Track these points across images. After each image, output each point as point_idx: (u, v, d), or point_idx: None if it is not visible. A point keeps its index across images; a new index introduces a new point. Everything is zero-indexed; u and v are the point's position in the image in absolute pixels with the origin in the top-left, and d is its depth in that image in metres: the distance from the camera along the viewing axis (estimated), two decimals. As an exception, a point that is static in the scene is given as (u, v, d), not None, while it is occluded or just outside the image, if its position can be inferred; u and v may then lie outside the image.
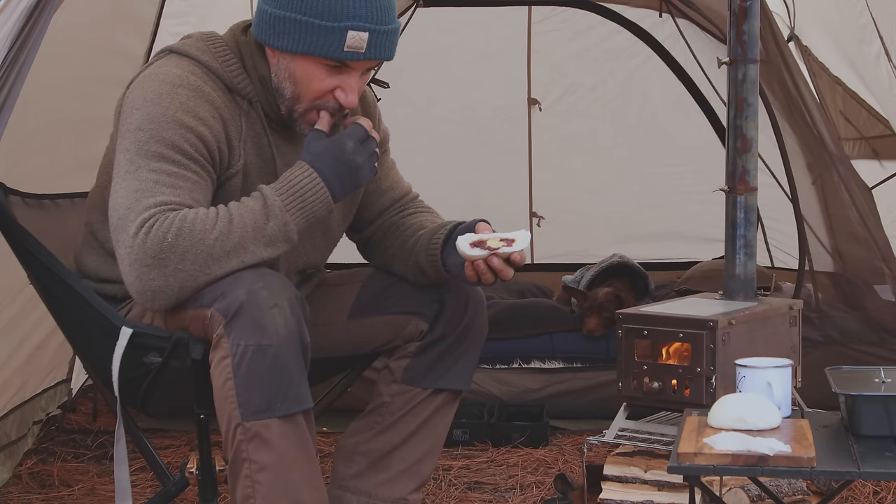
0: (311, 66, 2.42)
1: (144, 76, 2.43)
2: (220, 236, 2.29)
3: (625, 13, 5.16)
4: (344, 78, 2.44)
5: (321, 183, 2.38)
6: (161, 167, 2.33)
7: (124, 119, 2.39)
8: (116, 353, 2.38)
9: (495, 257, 2.42)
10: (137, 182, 2.32)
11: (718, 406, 2.34)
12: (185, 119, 2.36)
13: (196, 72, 2.42)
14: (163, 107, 2.36)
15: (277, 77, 2.46)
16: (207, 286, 2.31)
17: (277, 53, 2.45)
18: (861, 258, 4.11)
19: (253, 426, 2.27)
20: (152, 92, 2.38)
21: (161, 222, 2.28)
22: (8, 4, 2.47)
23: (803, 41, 4.65)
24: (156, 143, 2.33)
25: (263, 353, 2.25)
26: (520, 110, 5.70)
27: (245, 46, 2.50)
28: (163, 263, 2.27)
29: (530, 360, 4.31)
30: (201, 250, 2.28)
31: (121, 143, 2.38)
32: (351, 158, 2.40)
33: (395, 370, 2.67)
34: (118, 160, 2.37)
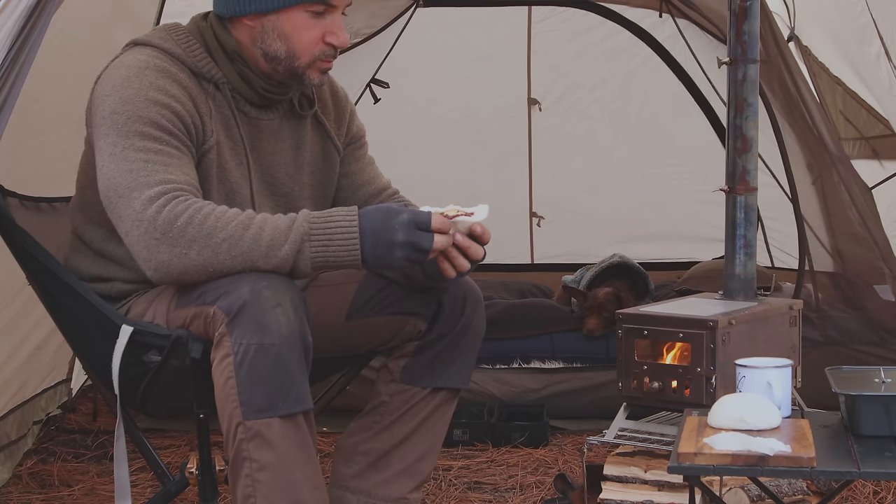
0: (298, 16, 2.46)
1: (110, 68, 2.46)
2: (229, 239, 2.29)
3: (625, 13, 5.16)
4: (328, 22, 2.48)
5: (356, 237, 2.31)
6: (146, 145, 2.34)
7: (96, 110, 2.41)
8: (116, 352, 2.38)
9: (459, 234, 2.39)
10: (127, 162, 2.33)
11: (718, 406, 2.34)
12: (158, 96, 2.39)
13: (161, 57, 2.46)
14: (133, 88, 2.38)
15: (265, 43, 2.48)
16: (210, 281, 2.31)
17: (259, 19, 2.47)
18: (861, 258, 4.11)
19: (254, 425, 2.27)
20: (120, 77, 2.41)
21: (175, 204, 2.29)
22: (8, 4, 2.47)
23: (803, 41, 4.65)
24: (135, 123, 2.35)
25: (266, 352, 2.25)
26: (520, 110, 5.70)
27: (207, 31, 2.52)
28: (172, 242, 2.28)
29: (530, 360, 4.31)
30: (207, 245, 2.28)
31: (98, 130, 2.39)
32: (397, 237, 2.30)
33: (393, 370, 2.67)
34: (99, 146, 2.38)
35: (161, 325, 2.42)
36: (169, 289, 2.44)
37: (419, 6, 4.95)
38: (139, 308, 2.48)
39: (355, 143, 2.73)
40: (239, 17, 2.49)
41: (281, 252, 2.29)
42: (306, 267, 2.32)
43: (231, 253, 2.29)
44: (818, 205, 4.17)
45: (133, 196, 2.30)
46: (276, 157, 2.58)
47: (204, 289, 2.33)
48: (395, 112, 4.98)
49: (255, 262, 2.30)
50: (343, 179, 2.70)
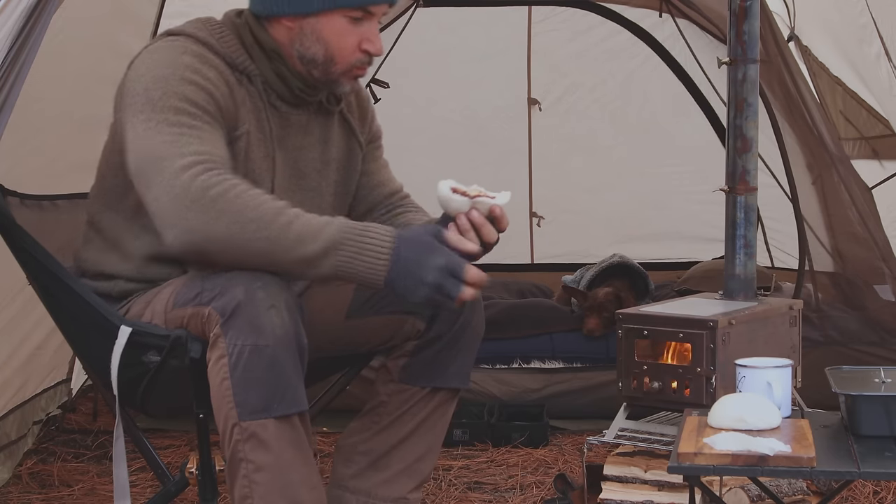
0: (337, 21, 2.45)
1: (144, 52, 2.46)
2: (259, 220, 2.27)
3: (625, 13, 5.16)
4: (365, 29, 2.47)
5: (386, 261, 2.29)
6: (180, 119, 2.34)
7: (129, 90, 2.40)
8: (115, 352, 2.37)
9: (475, 210, 2.39)
10: (161, 135, 2.33)
11: (718, 406, 2.34)
12: (194, 77, 2.39)
13: (196, 44, 2.45)
14: (169, 68, 2.38)
15: (303, 45, 2.47)
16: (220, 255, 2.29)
17: (298, 21, 2.46)
18: (861, 258, 4.11)
19: (250, 426, 2.27)
20: (155, 60, 2.41)
21: (210, 175, 2.28)
22: (8, 4, 2.47)
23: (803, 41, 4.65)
24: (169, 98, 2.35)
25: (260, 353, 2.25)
26: (520, 110, 5.70)
27: (243, 27, 2.51)
28: (202, 209, 2.26)
29: (530, 360, 4.31)
30: (235, 220, 2.26)
31: (131, 108, 2.38)
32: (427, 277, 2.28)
33: (392, 369, 2.67)
34: (132, 123, 2.37)
35: (160, 326, 2.42)
36: (166, 289, 2.44)
37: (419, 6, 4.95)
38: (137, 308, 2.48)
39: (374, 143, 2.74)
40: (277, 17, 2.48)
41: (307, 249, 2.27)
42: (327, 272, 2.29)
43: (258, 234, 2.26)
44: (818, 205, 4.17)
45: (165, 165, 2.30)
46: (304, 153, 2.58)
47: (200, 289, 2.33)
48: (395, 112, 4.96)
49: (278, 251, 2.27)
50: (361, 178, 2.71)
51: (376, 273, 2.28)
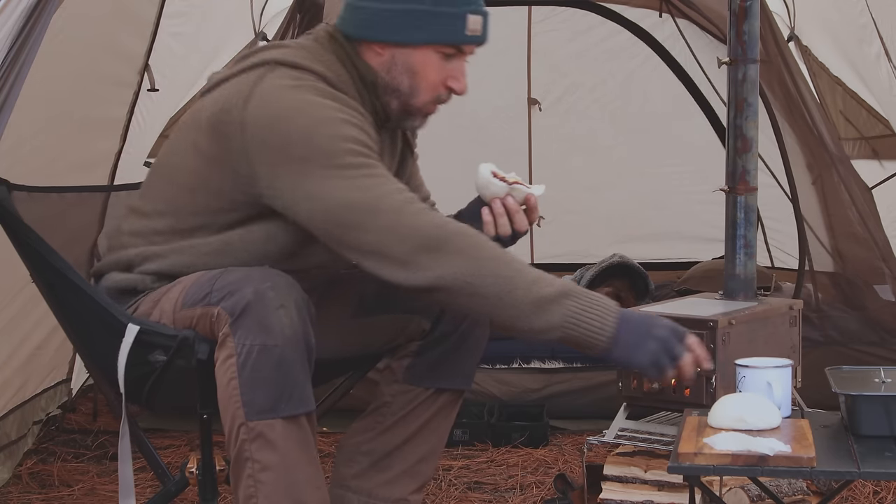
0: (429, 56, 2.44)
1: (268, 89, 2.35)
2: (495, 259, 2.28)
3: (625, 13, 5.16)
4: (454, 66, 2.47)
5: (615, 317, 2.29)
6: (360, 161, 2.31)
7: (268, 132, 2.32)
8: (122, 351, 2.37)
9: (511, 197, 2.43)
10: (351, 180, 2.29)
11: (718, 406, 2.34)
12: (349, 117, 2.35)
13: (319, 81, 2.40)
14: (324, 112, 2.33)
15: (391, 73, 2.45)
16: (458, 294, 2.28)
17: (390, 49, 2.44)
18: (861, 258, 4.11)
19: (257, 426, 2.26)
20: (299, 101, 2.34)
21: (432, 213, 2.30)
22: (8, 4, 2.47)
23: (803, 41, 4.65)
24: (340, 142, 2.31)
25: (269, 353, 2.25)
26: (520, 110, 5.70)
27: (343, 56, 2.47)
28: (436, 248, 2.27)
29: (530, 360, 4.31)
30: (472, 258, 2.27)
31: (282, 154, 2.31)
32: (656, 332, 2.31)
33: (396, 370, 2.67)
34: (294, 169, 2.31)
35: (167, 325, 2.42)
36: (175, 289, 2.43)
37: (419, 6, 4.94)
38: (145, 307, 2.47)
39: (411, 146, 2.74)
40: (369, 42, 2.46)
41: (543, 291, 2.27)
42: (556, 320, 2.28)
43: (495, 272, 2.27)
44: (818, 205, 4.17)
45: (380, 208, 2.28)
46: None
47: (210, 289, 2.33)
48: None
49: (516, 289, 2.27)
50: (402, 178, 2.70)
51: (604, 326, 2.29)
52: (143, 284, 2.49)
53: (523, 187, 2.46)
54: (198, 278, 2.39)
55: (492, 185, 2.46)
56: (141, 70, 4.07)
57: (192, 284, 2.39)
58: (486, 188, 2.46)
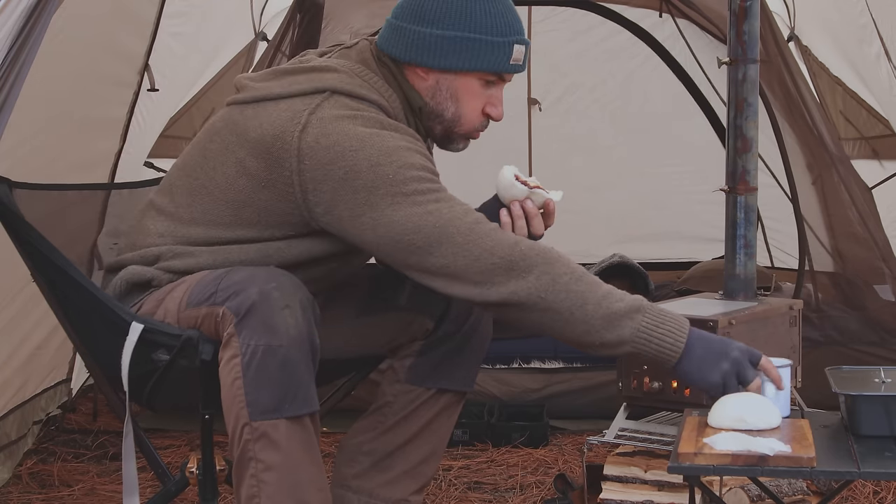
0: (472, 83, 2.47)
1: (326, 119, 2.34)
2: (570, 274, 2.30)
3: (625, 13, 5.16)
4: (492, 93, 2.50)
5: (685, 334, 2.33)
6: (428, 187, 2.33)
7: (330, 163, 2.32)
8: (126, 349, 2.37)
9: (529, 201, 2.46)
10: (419, 206, 2.31)
11: (718, 406, 2.34)
12: (411, 146, 2.37)
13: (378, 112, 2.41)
14: (387, 141, 2.34)
15: (436, 98, 2.47)
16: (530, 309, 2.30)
17: (436, 74, 2.46)
18: (861, 258, 4.11)
19: (260, 426, 2.26)
20: (362, 133, 2.34)
21: (505, 231, 2.33)
22: (8, 4, 2.47)
23: (803, 41, 4.65)
24: (407, 170, 2.32)
25: (273, 353, 2.25)
26: (520, 110, 5.69)
27: (390, 77, 2.48)
28: (511, 265, 2.29)
29: (530, 360, 4.31)
30: (546, 272, 2.29)
31: (346, 185, 2.32)
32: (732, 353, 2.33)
33: (399, 369, 2.67)
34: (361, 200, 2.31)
35: (172, 325, 2.42)
36: (179, 288, 2.43)
37: (419, 6, 4.94)
38: (150, 306, 2.47)
39: None
40: (413, 66, 2.47)
41: (615, 306, 2.29)
42: (627, 335, 2.30)
43: (569, 287, 2.29)
44: (818, 205, 4.17)
45: (451, 231, 2.30)
46: None
47: (215, 289, 2.33)
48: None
49: (587, 304, 2.29)
50: None
51: (676, 342, 2.32)
52: (157, 280, 2.48)
53: (543, 192, 2.49)
54: (202, 277, 2.39)
55: (514, 187, 2.48)
56: (141, 70, 4.07)
57: (197, 284, 2.39)
58: (508, 191, 2.48)
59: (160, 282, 2.48)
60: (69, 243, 2.62)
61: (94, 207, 2.84)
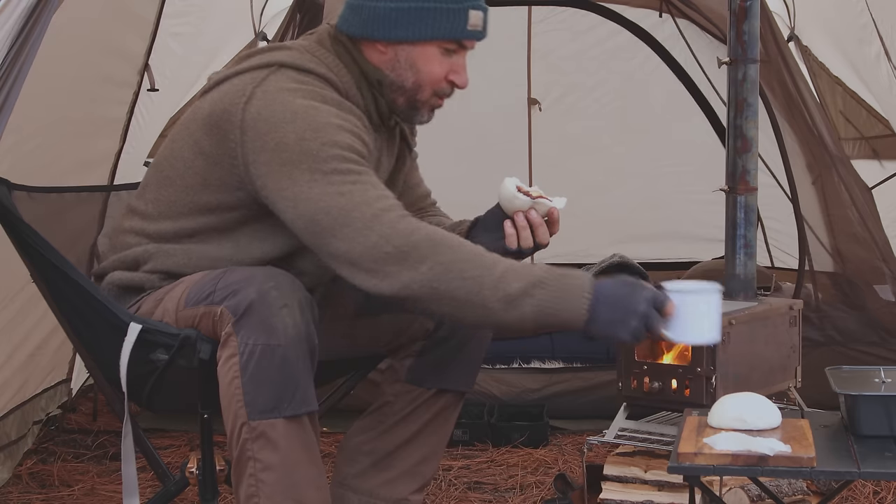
0: (431, 51, 2.46)
1: (270, 91, 2.36)
2: (462, 262, 2.27)
3: (625, 13, 5.15)
4: (454, 60, 2.49)
5: (588, 296, 2.26)
6: (347, 167, 2.32)
7: (265, 134, 2.33)
8: (125, 350, 2.37)
9: (534, 211, 2.44)
10: (334, 186, 2.30)
11: (718, 406, 2.34)
12: (344, 123, 2.37)
13: (323, 86, 2.42)
14: (320, 117, 2.34)
15: (396, 71, 2.47)
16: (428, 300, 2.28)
17: (393, 47, 2.46)
18: (861, 258, 4.11)
19: (259, 425, 2.26)
20: (298, 105, 2.35)
21: (405, 220, 2.29)
22: (8, 4, 2.47)
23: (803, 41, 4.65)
24: (330, 147, 2.32)
25: (272, 353, 2.25)
26: (520, 110, 5.69)
27: (346, 56, 2.49)
28: (403, 256, 2.27)
29: (530, 360, 4.31)
30: (439, 262, 2.26)
31: (276, 157, 2.33)
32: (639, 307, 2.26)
33: (399, 370, 2.67)
34: (285, 172, 2.32)
35: (170, 324, 2.42)
36: (178, 288, 2.43)
37: (419, 6, 4.94)
38: (148, 306, 2.47)
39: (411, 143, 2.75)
40: (372, 41, 2.48)
41: (512, 287, 2.26)
42: (530, 312, 2.27)
43: (462, 275, 2.26)
44: (818, 205, 4.17)
45: (354, 217, 2.28)
46: (380, 173, 2.56)
47: (213, 289, 2.33)
48: (394, 112, 4.99)
49: (484, 290, 2.26)
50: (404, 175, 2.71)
51: (578, 310, 2.27)
52: (149, 283, 2.49)
53: (546, 201, 2.48)
54: (201, 277, 2.39)
55: (516, 199, 2.46)
56: (141, 70, 4.07)
57: (196, 283, 2.39)
58: (511, 202, 2.47)
59: (153, 284, 2.48)
60: (68, 244, 2.62)
61: (93, 209, 2.85)
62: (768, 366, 3.04)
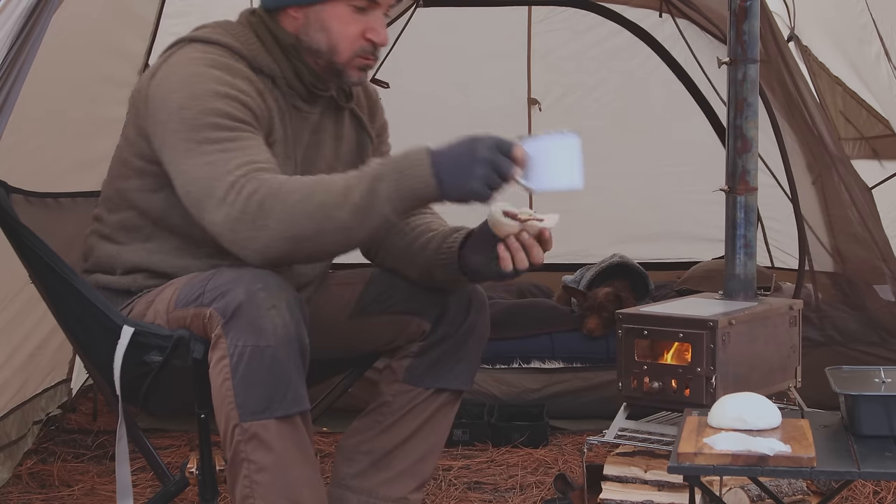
0: (342, 10, 2.47)
1: (171, 63, 2.44)
2: (303, 200, 2.27)
3: (625, 13, 5.16)
4: (370, 19, 2.49)
5: (428, 163, 2.27)
6: (219, 136, 2.33)
7: (160, 104, 2.39)
8: (118, 352, 2.38)
9: (525, 233, 2.41)
10: (204, 156, 2.32)
11: (718, 406, 2.34)
12: (226, 90, 2.38)
13: (224, 54, 2.45)
14: (201, 84, 2.37)
15: (309, 36, 2.49)
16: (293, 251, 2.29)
17: (304, 11, 2.48)
18: (861, 258, 4.11)
19: (251, 427, 2.27)
20: (187, 73, 2.39)
21: (251, 182, 2.28)
22: (8, 4, 2.47)
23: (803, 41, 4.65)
24: (206, 116, 2.34)
25: (261, 354, 2.25)
26: (520, 110, 5.69)
27: (259, 26, 2.52)
28: (252, 219, 2.27)
29: (530, 360, 4.31)
30: (283, 210, 2.26)
31: (166, 126, 2.37)
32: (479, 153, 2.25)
33: (396, 370, 2.67)
34: (169, 143, 2.37)
35: (162, 326, 2.42)
36: (168, 289, 2.44)
37: (419, 6, 4.95)
38: (140, 308, 2.48)
39: (381, 137, 2.75)
40: (285, 9, 2.50)
41: (356, 197, 2.26)
42: (386, 207, 2.27)
43: (306, 210, 2.26)
44: (818, 205, 4.17)
45: (215, 187, 2.30)
46: (318, 150, 2.58)
47: (202, 290, 2.33)
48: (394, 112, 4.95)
49: (332, 213, 2.26)
50: None
51: (425, 182, 2.26)
52: (135, 285, 2.50)
53: (536, 222, 2.43)
54: (190, 279, 2.40)
55: (505, 225, 2.43)
56: (141, 70, 4.07)
57: (185, 285, 2.40)
58: (500, 228, 2.44)
59: (138, 285, 2.50)
60: (64, 248, 2.62)
61: (89, 213, 2.85)
62: (768, 366, 3.04)
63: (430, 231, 2.61)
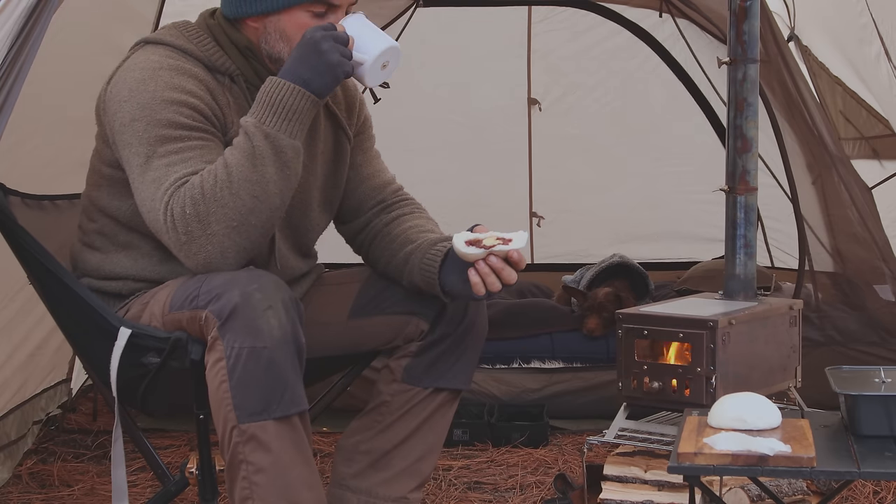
0: (300, 16, 2.47)
1: (123, 69, 2.46)
2: (224, 185, 2.30)
3: (625, 13, 5.15)
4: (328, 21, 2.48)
5: (281, 80, 2.35)
6: (167, 148, 2.35)
7: (114, 114, 2.41)
8: (115, 354, 2.38)
9: (493, 256, 2.41)
10: (152, 171, 2.34)
11: (718, 406, 2.34)
12: (174, 95, 2.39)
13: (173, 55, 2.46)
14: (149, 91, 2.38)
15: (269, 43, 2.49)
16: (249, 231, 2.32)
17: (262, 20, 2.48)
18: (861, 258, 4.11)
19: (249, 428, 2.27)
20: (135, 80, 2.41)
21: (176, 199, 2.30)
22: (8, 4, 2.47)
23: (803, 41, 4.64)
24: (154, 128, 2.35)
25: (258, 355, 2.25)
26: (520, 110, 5.69)
27: (216, 28, 2.53)
28: (194, 236, 2.30)
29: (530, 360, 4.31)
30: (216, 208, 2.29)
31: (120, 138, 2.40)
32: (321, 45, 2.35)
33: (395, 369, 2.67)
34: (127, 157, 2.39)
35: (158, 328, 2.42)
36: (163, 292, 2.44)
37: (419, 6, 4.95)
38: (136, 310, 2.48)
39: (363, 134, 2.74)
40: (243, 19, 2.50)
41: (258, 149, 2.31)
42: (285, 143, 2.34)
43: (231, 191, 2.30)
44: (818, 205, 4.17)
45: (157, 209, 2.34)
46: None
47: (197, 293, 2.33)
48: (394, 112, 4.97)
49: (252, 177, 2.31)
50: (349, 170, 2.70)
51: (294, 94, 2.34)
52: (126, 289, 2.51)
53: (503, 246, 2.42)
54: (184, 281, 2.40)
55: (468, 255, 2.43)
56: (141, 70, 4.07)
57: (180, 287, 2.40)
58: (467, 258, 2.44)
59: (129, 289, 2.49)
60: (61, 250, 2.63)
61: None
62: (768, 366, 3.04)
63: (409, 242, 2.60)
